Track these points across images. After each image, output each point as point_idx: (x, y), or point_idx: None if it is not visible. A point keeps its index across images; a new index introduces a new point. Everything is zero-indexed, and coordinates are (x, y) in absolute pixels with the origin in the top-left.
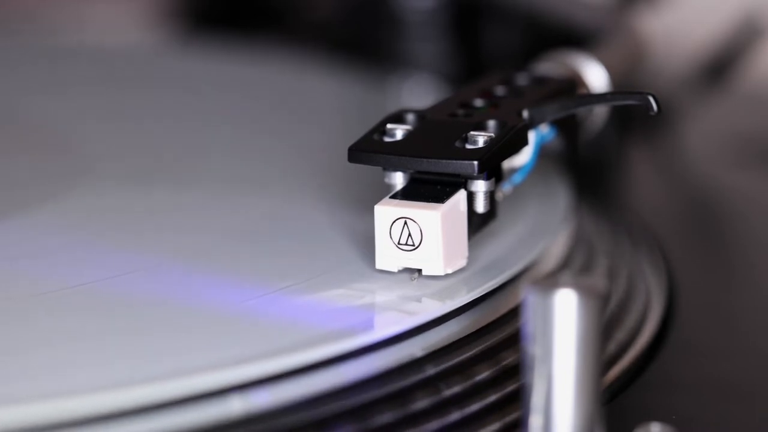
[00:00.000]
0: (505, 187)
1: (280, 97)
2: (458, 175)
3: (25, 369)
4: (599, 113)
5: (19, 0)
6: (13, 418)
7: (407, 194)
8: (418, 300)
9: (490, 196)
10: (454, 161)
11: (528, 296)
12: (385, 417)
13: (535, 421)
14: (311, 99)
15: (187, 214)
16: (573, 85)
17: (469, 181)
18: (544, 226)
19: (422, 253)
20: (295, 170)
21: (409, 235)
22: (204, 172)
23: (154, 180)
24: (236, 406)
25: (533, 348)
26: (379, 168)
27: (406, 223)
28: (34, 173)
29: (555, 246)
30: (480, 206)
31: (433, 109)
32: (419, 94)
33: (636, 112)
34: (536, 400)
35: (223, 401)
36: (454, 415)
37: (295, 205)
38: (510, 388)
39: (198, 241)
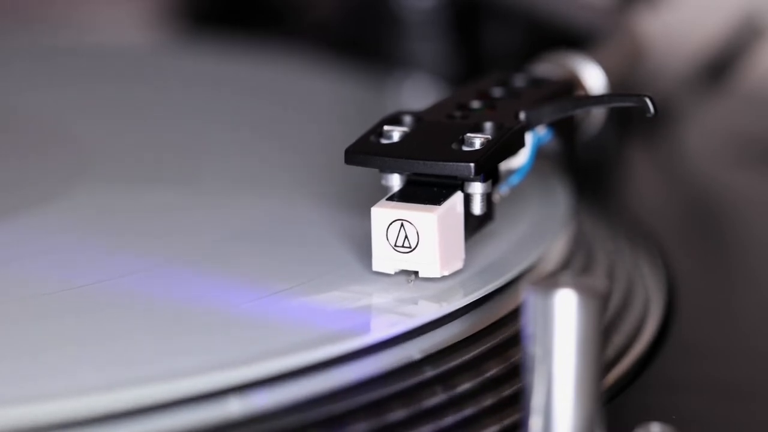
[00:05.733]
0: (502, 189)
1: (280, 97)
2: (455, 177)
3: (23, 370)
4: (597, 115)
5: (19, 0)
6: (12, 418)
7: (404, 196)
8: (415, 302)
9: (487, 198)
10: (451, 163)
11: (528, 296)
12: (383, 418)
13: (535, 422)
14: (311, 99)
15: (185, 215)
16: (571, 86)
17: (466, 183)
18: (544, 227)
19: (419, 255)
20: (293, 171)
21: (406, 237)
22: (202, 172)
23: (153, 180)
24: (234, 407)
25: (533, 348)
26: (376, 169)
27: (402, 225)
28: (34, 173)
29: (555, 247)
30: (477, 208)
31: (430, 110)
32: (419, 94)
33: (634, 113)
34: (536, 400)
35: (221, 403)
36: (451, 417)
37: (292, 206)
38: (509, 389)
39: (195, 243)
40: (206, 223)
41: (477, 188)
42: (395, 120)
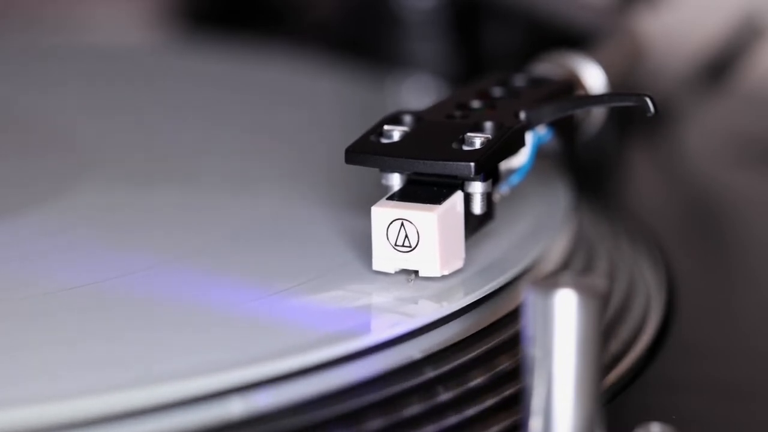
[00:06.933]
0: (503, 189)
1: (280, 97)
2: (455, 177)
3: (24, 370)
4: (597, 114)
5: (19, 0)
6: (12, 419)
7: (404, 195)
8: (415, 302)
9: (487, 198)
10: (451, 163)
11: (528, 296)
12: (383, 418)
13: (535, 422)
14: (311, 99)
15: (185, 214)
16: (571, 86)
17: (466, 182)
18: (544, 227)
19: (419, 254)
20: (294, 171)
21: (406, 236)
22: (203, 172)
23: (153, 180)
24: (235, 407)
25: (533, 349)
26: (376, 169)
27: (402, 224)
28: (34, 173)
29: (555, 247)
30: (477, 208)
31: (430, 110)
32: (419, 94)
33: (634, 112)
34: (536, 400)
35: (222, 403)
36: (452, 419)
37: (293, 206)
38: (510, 390)
39: (195, 243)
40: (206, 223)
41: (477, 188)
42: (395, 119)
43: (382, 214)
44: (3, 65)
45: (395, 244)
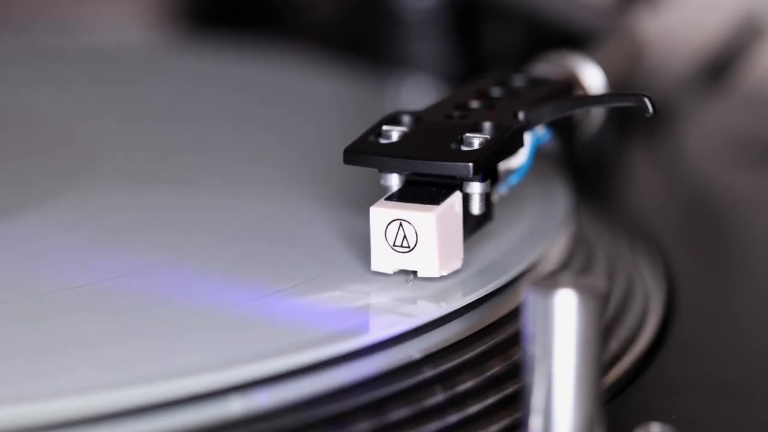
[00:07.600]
0: (501, 189)
1: (280, 96)
2: (454, 177)
3: (25, 369)
4: (596, 114)
5: (19, 0)
6: (13, 418)
7: (403, 196)
8: (414, 302)
9: (486, 198)
10: (449, 163)
11: (528, 296)
12: (382, 418)
13: (535, 422)
14: (311, 99)
15: (185, 214)
16: (570, 86)
17: (465, 183)
18: (543, 227)
19: (417, 255)
20: (293, 171)
21: (404, 237)
22: (202, 172)
23: (153, 180)
24: (234, 407)
25: (533, 348)
26: (375, 169)
27: (401, 224)
28: (34, 173)
29: (554, 247)
30: (475, 208)
31: (429, 110)
32: (419, 94)
33: (634, 113)
34: (536, 400)
35: (221, 402)
36: (451, 417)
37: (292, 206)
38: (509, 389)
39: (195, 243)
40: (206, 223)
41: (476, 188)
42: (394, 120)
43: (381, 214)
44: (3, 65)
45: (394, 245)
